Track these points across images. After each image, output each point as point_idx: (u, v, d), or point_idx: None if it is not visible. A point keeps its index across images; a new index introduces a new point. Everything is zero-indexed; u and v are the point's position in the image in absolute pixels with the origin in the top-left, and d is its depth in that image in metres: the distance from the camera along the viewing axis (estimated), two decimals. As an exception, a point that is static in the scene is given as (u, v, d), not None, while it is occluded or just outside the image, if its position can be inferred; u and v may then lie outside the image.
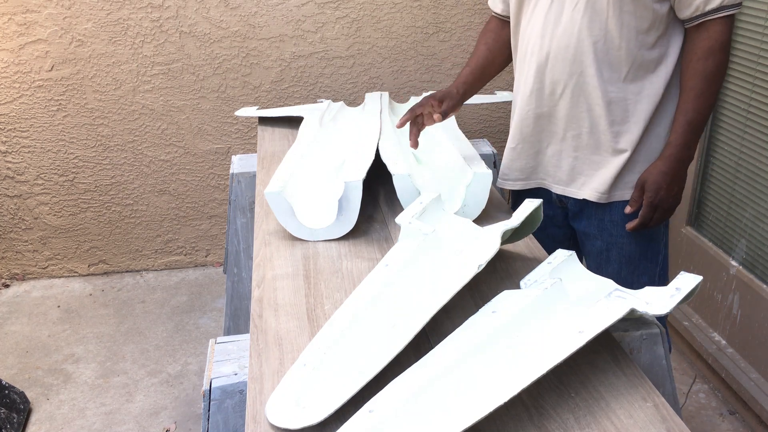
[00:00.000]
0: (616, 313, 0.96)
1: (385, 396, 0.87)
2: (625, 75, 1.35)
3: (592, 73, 1.36)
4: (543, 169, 1.53)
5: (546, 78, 1.42)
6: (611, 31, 1.32)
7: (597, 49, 1.34)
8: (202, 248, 2.95)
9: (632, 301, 0.98)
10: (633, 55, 1.33)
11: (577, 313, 0.99)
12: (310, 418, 0.88)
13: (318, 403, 0.90)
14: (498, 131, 2.94)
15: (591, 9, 1.32)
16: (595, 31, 1.33)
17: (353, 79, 2.74)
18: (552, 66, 1.39)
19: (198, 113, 2.69)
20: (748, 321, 2.08)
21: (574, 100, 1.40)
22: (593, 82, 1.36)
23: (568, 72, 1.38)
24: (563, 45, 1.36)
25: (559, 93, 1.41)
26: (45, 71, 2.54)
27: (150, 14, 2.51)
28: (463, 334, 0.97)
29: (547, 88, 1.42)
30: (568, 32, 1.35)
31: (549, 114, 1.45)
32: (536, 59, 1.42)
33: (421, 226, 1.20)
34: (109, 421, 2.08)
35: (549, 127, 1.47)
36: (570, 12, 1.34)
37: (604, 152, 1.42)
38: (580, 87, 1.38)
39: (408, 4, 2.65)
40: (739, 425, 2.04)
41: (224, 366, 1.10)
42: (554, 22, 1.37)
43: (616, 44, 1.33)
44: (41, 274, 2.88)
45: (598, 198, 1.45)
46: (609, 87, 1.36)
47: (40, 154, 2.67)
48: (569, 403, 0.92)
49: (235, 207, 1.95)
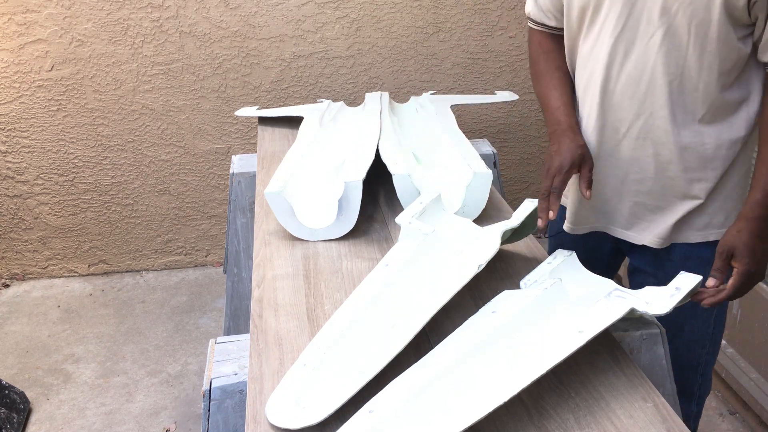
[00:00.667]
0: (616, 313, 0.96)
1: (385, 396, 0.87)
2: (702, 117, 1.20)
3: (663, 115, 1.20)
4: (599, 211, 1.38)
5: (610, 114, 1.26)
6: (690, 69, 1.16)
7: (672, 88, 1.18)
8: (202, 248, 2.95)
9: (632, 300, 0.98)
10: (712, 96, 1.18)
11: (577, 313, 0.99)
12: (310, 418, 0.88)
13: (318, 403, 0.90)
14: (498, 131, 2.94)
15: (669, 42, 1.15)
16: (672, 68, 1.16)
17: (353, 79, 2.74)
18: (618, 102, 1.23)
19: (198, 113, 2.69)
20: (748, 321, 2.08)
21: (640, 142, 1.24)
22: (664, 125, 1.20)
23: (636, 111, 1.22)
24: (634, 80, 1.20)
25: (623, 132, 1.25)
26: (45, 71, 2.54)
27: (150, 14, 2.51)
28: (463, 334, 0.97)
29: (610, 126, 1.27)
30: (640, 66, 1.18)
31: (609, 154, 1.29)
32: (600, 91, 1.25)
33: (421, 226, 1.20)
34: (109, 421, 2.08)
35: (608, 169, 1.31)
36: (644, 43, 1.17)
37: (672, 198, 1.28)
38: (647, 129, 1.22)
39: (408, 4, 2.65)
40: (739, 425, 2.04)
41: (224, 366, 1.10)
42: (625, 51, 1.19)
43: (694, 84, 1.17)
44: (41, 274, 2.88)
45: (660, 245, 1.32)
46: (682, 130, 1.21)
47: (40, 154, 2.67)
48: (569, 403, 0.92)
49: (235, 207, 1.95)
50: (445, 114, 1.93)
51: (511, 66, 2.82)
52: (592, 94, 1.27)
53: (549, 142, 1.32)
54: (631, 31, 1.18)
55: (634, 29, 1.17)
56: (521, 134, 2.96)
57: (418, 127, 1.88)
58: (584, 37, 1.27)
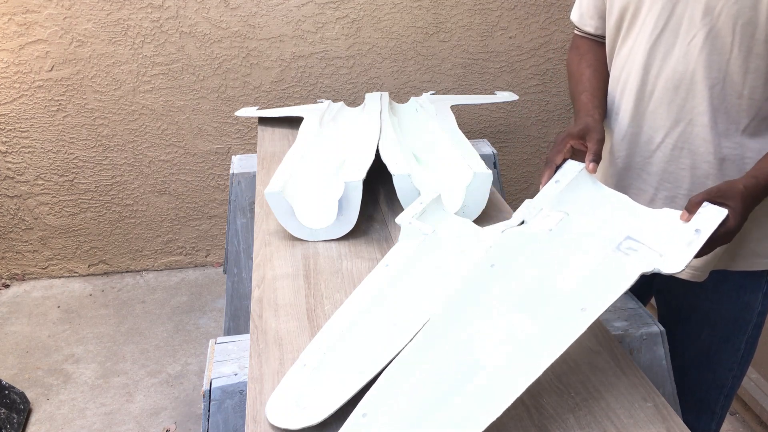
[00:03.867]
0: (622, 284, 0.87)
1: (377, 397, 0.86)
2: (745, 127, 1.11)
3: (703, 123, 1.11)
4: None
5: (645, 122, 1.18)
6: (733, 74, 1.07)
7: (713, 93, 1.09)
8: (202, 248, 2.95)
9: (643, 259, 0.88)
10: (757, 105, 1.09)
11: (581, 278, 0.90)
12: (311, 418, 0.88)
13: (318, 404, 0.90)
14: (498, 131, 2.94)
15: (711, 44, 1.07)
16: (714, 72, 1.08)
17: (353, 79, 2.74)
18: (654, 108, 1.16)
19: (198, 113, 2.69)
20: (748, 321, 2.08)
21: (676, 153, 1.16)
22: (704, 133, 1.12)
23: (674, 118, 1.14)
24: (672, 85, 1.12)
25: (658, 142, 1.17)
26: (45, 71, 2.54)
27: (150, 14, 2.51)
28: (459, 300, 0.95)
29: (645, 135, 1.19)
30: (680, 70, 1.11)
31: (640, 167, 1.21)
32: (635, 97, 1.18)
33: (422, 227, 1.20)
34: (109, 421, 2.08)
35: (637, 183, 1.23)
36: (685, 45, 1.09)
37: None
38: (685, 138, 1.14)
39: (408, 4, 2.65)
40: (739, 425, 2.04)
41: (224, 366, 1.10)
42: (663, 54, 1.12)
43: (737, 90, 1.08)
44: (41, 275, 2.88)
45: (693, 277, 1.20)
46: (723, 141, 1.12)
47: (40, 155, 2.67)
48: (569, 403, 0.92)
49: (235, 207, 1.95)
50: (445, 114, 1.93)
51: (511, 66, 2.82)
52: (627, 100, 1.20)
53: (553, 141, 1.28)
54: (671, 32, 1.11)
55: (674, 31, 1.10)
56: (521, 134, 2.96)
57: (418, 127, 1.88)
58: (623, 39, 1.21)
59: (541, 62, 2.83)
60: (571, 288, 0.91)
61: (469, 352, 0.89)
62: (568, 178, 1.08)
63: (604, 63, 1.31)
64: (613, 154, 1.26)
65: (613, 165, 1.27)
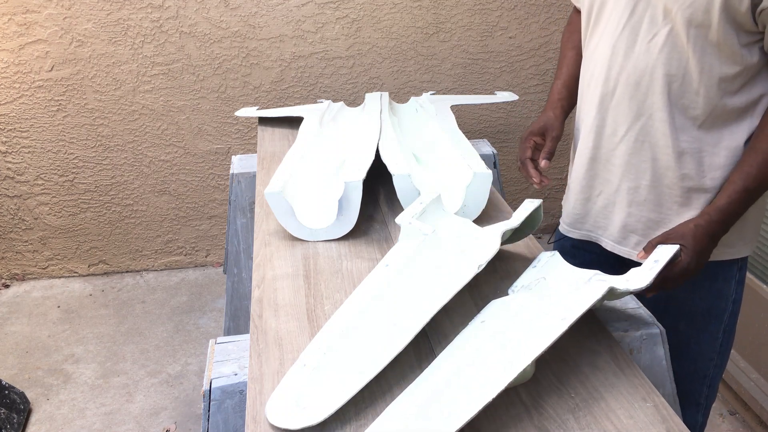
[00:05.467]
0: (595, 294, 0.95)
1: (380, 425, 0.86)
2: (702, 123, 1.16)
3: (663, 118, 1.17)
4: (591, 219, 1.35)
5: (609, 115, 1.23)
6: (691, 72, 1.12)
7: (672, 90, 1.14)
8: (202, 248, 2.95)
9: (611, 280, 0.98)
10: (713, 102, 1.14)
11: (559, 302, 0.98)
12: (310, 418, 0.88)
13: (318, 404, 0.90)
14: (498, 131, 2.94)
15: (671, 44, 1.12)
16: (673, 70, 1.13)
17: (353, 79, 2.74)
18: (617, 103, 1.21)
19: (198, 113, 2.69)
20: (748, 321, 2.08)
21: (637, 146, 1.21)
22: (663, 128, 1.17)
23: (636, 113, 1.19)
24: (633, 81, 1.17)
25: (621, 135, 1.22)
26: (45, 71, 2.54)
27: (150, 14, 2.51)
28: (454, 348, 0.97)
29: (609, 127, 1.24)
30: (641, 67, 1.16)
31: (606, 158, 1.27)
32: (600, 92, 1.23)
33: (421, 227, 1.20)
34: (109, 421, 2.08)
35: (603, 174, 1.29)
36: (645, 43, 1.14)
37: (667, 210, 1.24)
38: (647, 131, 1.19)
39: (408, 4, 2.65)
40: (739, 425, 2.04)
41: (224, 366, 1.10)
42: (625, 51, 1.17)
43: (694, 87, 1.14)
44: (41, 275, 2.88)
45: None
46: (681, 135, 1.17)
47: (40, 155, 2.67)
48: (569, 403, 0.92)
49: (235, 207, 1.95)
50: (445, 114, 1.93)
51: (511, 66, 2.82)
52: (594, 93, 1.25)
53: (520, 139, 1.40)
54: (632, 30, 1.16)
55: (635, 29, 1.15)
56: (521, 134, 2.95)
57: (418, 127, 1.88)
58: (591, 33, 1.25)
59: (541, 62, 2.83)
60: (551, 308, 0.97)
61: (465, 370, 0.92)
62: (542, 263, 1.15)
63: None
64: (583, 144, 1.31)
65: (582, 155, 1.31)
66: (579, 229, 1.39)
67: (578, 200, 1.36)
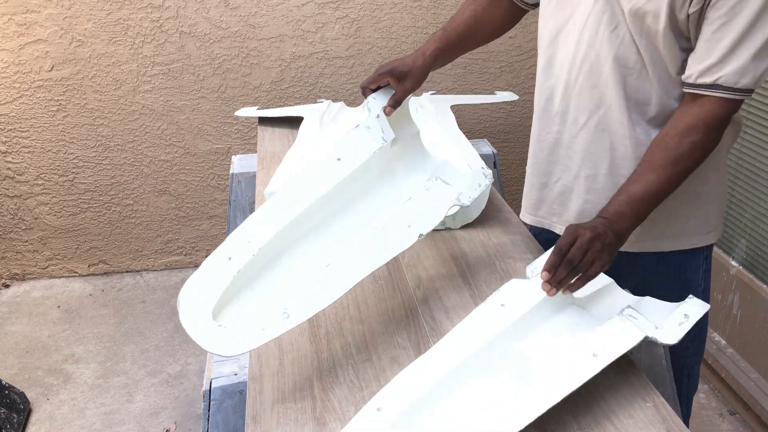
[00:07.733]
0: (630, 341, 0.96)
1: (393, 393, 0.86)
2: (652, 118, 1.19)
3: (620, 107, 1.18)
4: (546, 206, 1.36)
5: (572, 102, 1.25)
6: (645, 70, 1.15)
7: (627, 83, 1.17)
8: (202, 248, 2.95)
9: (644, 326, 0.98)
10: (663, 101, 1.17)
11: (588, 324, 0.98)
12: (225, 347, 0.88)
13: (237, 331, 0.89)
14: (498, 131, 2.94)
15: (629, 39, 1.14)
16: (630, 63, 1.16)
17: (353, 79, 2.74)
18: (580, 91, 1.22)
19: (198, 113, 2.69)
20: (748, 321, 2.08)
21: (597, 134, 1.23)
22: (621, 117, 1.19)
23: (597, 102, 1.21)
24: (596, 71, 1.19)
25: (582, 123, 1.24)
26: (45, 71, 2.54)
27: (150, 14, 2.51)
28: (472, 328, 0.96)
29: (572, 114, 1.25)
30: (602, 59, 1.17)
31: (567, 145, 1.28)
32: (566, 77, 1.24)
33: (384, 131, 1.16)
34: (109, 421, 2.08)
35: (563, 160, 1.30)
36: (607, 35, 1.16)
37: None
38: (606, 121, 1.21)
39: (408, 4, 2.65)
40: (739, 425, 2.04)
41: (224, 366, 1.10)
42: (588, 42, 1.18)
43: (647, 85, 1.17)
44: (41, 274, 2.88)
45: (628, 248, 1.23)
46: (637, 127, 1.20)
47: (40, 154, 2.67)
48: (569, 404, 0.92)
49: (235, 207, 1.95)
50: (445, 114, 1.93)
51: (511, 66, 2.82)
52: (561, 79, 1.25)
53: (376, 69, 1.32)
54: (596, 18, 1.16)
55: (599, 17, 1.16)
56: (521, 134, 2.96)
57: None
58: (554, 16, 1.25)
59: (541, 62, 2.83)
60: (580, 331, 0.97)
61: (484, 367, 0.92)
62: None
63: (493, 16, 1.38)
64: (546, 129, 1.32)
65: (546, 139, 1.32)
66: (533, 215, 1.39)
67: (534, 185, 1.36)
